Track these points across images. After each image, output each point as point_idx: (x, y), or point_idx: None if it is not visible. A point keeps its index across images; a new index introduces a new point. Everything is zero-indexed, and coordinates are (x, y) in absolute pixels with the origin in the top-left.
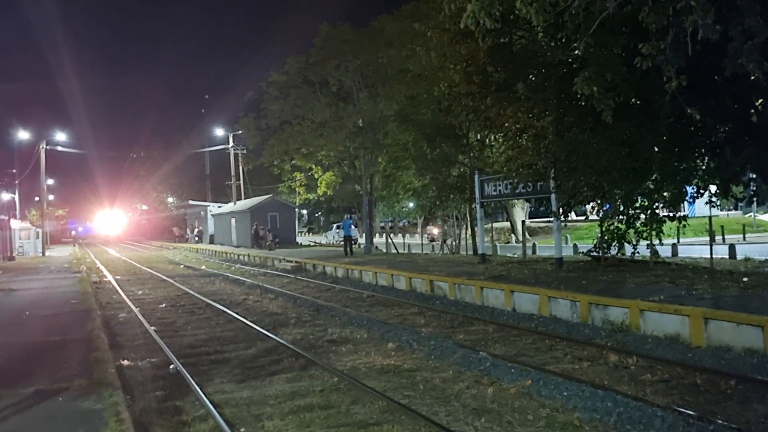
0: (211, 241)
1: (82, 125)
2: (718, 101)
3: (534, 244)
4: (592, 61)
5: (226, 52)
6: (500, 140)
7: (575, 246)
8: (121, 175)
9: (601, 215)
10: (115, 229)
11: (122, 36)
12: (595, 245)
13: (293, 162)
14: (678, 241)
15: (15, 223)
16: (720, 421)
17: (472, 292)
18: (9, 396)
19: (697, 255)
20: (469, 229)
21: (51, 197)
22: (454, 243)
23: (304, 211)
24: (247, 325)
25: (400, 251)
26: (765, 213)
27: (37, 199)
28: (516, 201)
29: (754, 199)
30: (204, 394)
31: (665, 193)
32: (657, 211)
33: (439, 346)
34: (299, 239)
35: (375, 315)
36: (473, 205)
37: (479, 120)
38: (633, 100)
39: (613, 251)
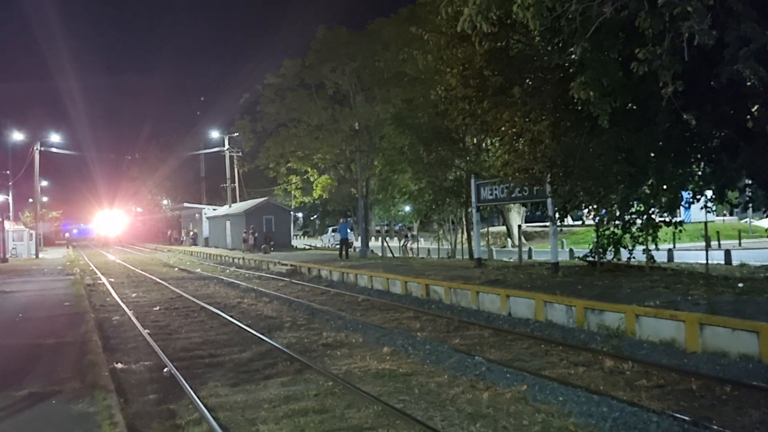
0: (206, 244)
1: (77, 126)
2: (714, 107)
3: (530, 249)
4: (588, 66)
5: (222, 54)
6: (497, 144)
7: (571, 251)
8: (116, 176)
9: (597, 220)
10: (114, 231)
11: (118, 37)
12: (591, 250)
13: (289, 165)
14: (674, 247)
15: (8, 225)
16: (715, 427)
17: (468, 296)
18: (2, 399)
19: (693, 260)
20: (465, 233)
21: (45, 199)
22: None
23: (300, 215)
24: (242, 328)
25: (396, 255)
26: (761, 219)
27: (31, 200)
28: (512, 205)
29: (750, 204)
30: (198, 397)
31: (661, 199)
32: (653, 216)
33: (434, 351)
34: (294, 242)
35: (370, 319)
36: (469, 209)
37: (476, 124)
38: (629, 105)
39: (609, 256)
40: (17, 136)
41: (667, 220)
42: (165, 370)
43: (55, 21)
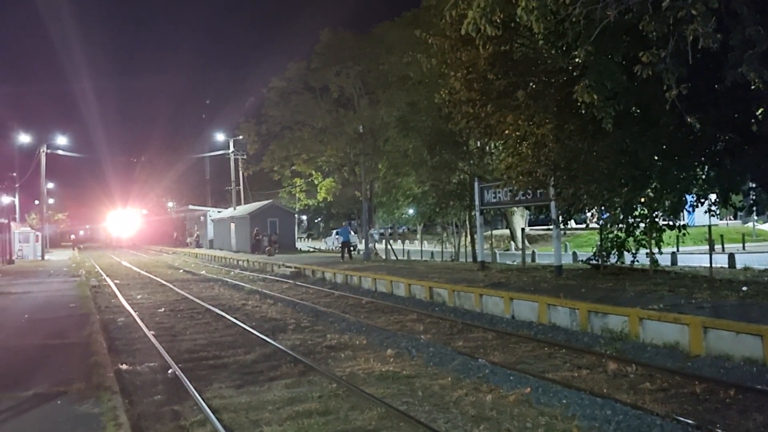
0: (211, 246)
1: (83, 128)
2: (719, 110)
3: (533, 252)
4: (592, 69)
5: (228, 59)
6: (500, 147)
7: (575, 254)
8: (122, 179)
9: (600, 223)
10: (125, 233)
11: (125, 41)
12: (594, 253)
13: (293, 168)
14: (677, 250)
15: (14, 227)
16: (719, 431)
17: (472, 299)
18: (7, 399)
19: (697, 264)
20: (469, 237)
21: (51, 201)
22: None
23: (304, 217)
24: (246, 330)
25: (400, 258)
26: (765, 222)
27: (37, 202)
28: (516, 209)
29: (754, 208)
30: (202, 399)
31: (665, 202)
32: (656, 219)
33: (438, 353)
34: (299, 245)
35: (374, 321)
36: (473, 213)
37: (479, 127)
38: (633, 108)
39: (613, 259)
40: (24, 139)
41: (671, 223)
42: (170, 371)
43: (60, 26)
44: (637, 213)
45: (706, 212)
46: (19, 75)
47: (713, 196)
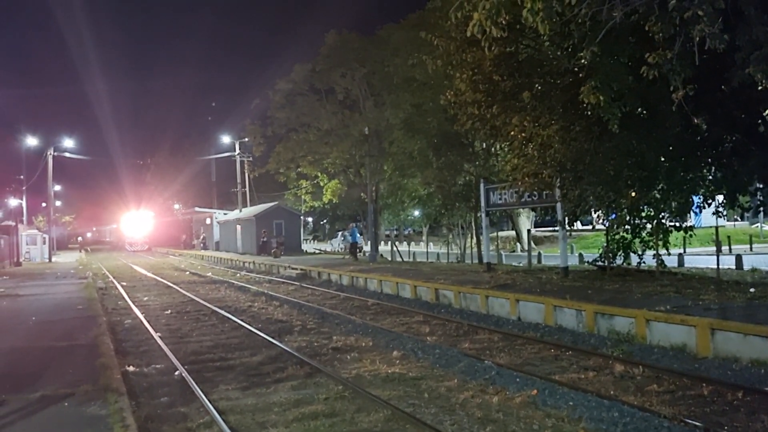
0: (217, 248)
1: (92, 131)
2: (725, 111)
3: (539, 253)
4: (598, 71)
5: (236, 62)
6: (506, 149)
7: (581, 255)
8: (129, 181)
9: (607, 225)
10: (134, 234)
11: (134, 45)
12: (600, 255)
13: (299, 170)
14: (684, 251)
15: (22, 229)
16: None
17: (478, 300)
18: (15, 401)
19: (704, 265)
20: (475, 238)
21: (59, 203)
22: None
23: (310, 219)
24: (252, 332)
25: (405, 259)
26: None
27: (44, 204)
28: (521, 210)
29: (761, 209)
30: (209, 400)
31: (672, 203)
32: (663, 221)
33: (444, 355)
34: (304, 246)
35: (380, 323)
36: (478, 214)
37: (485, 128)
38: (639, 109)
39: (619, 261)
40: (32, 141)
41: (678, 224)
42: (176, 373)
43: (70, 29)
44: (643, 214)
45: (713, 213)
46: (28, 77)
47: (720, 197)
